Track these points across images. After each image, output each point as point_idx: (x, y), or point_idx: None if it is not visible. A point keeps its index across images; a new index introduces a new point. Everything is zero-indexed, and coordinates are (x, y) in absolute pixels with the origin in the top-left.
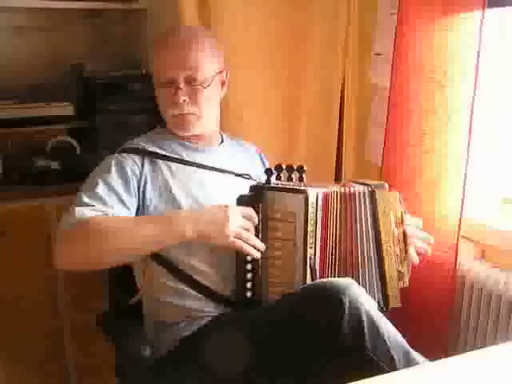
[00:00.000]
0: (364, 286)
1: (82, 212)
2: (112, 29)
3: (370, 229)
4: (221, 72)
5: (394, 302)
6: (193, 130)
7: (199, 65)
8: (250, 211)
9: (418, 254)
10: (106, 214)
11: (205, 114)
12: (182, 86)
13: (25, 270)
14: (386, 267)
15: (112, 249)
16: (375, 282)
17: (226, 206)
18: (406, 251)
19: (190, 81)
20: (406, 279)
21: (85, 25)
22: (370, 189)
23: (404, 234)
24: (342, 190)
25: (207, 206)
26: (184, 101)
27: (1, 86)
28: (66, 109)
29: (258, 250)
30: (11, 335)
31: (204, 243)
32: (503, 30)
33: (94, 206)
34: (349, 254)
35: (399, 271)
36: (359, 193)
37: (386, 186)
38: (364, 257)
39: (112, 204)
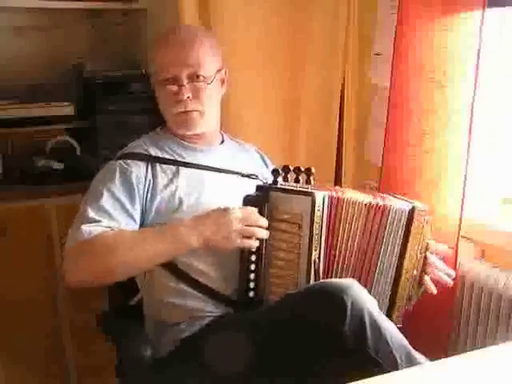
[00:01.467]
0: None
1: (88, 230)
2: (112, 29)
3: (396, 246)
4: (220, 70)
5: (396, 322)
6: (196, 127)
7: (201, 62)
8: (251, 209)
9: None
10: (112, 229)
11: (207, 112)
12: (185, 82)
13: (25, 270)
14: (400, 288)
15: (119, 265)
16: (384, 300)
17: (225, 210)
18: (422, 277)
19: (193, 78)
20: (412, 303)
21: (85, 25)
22: (410, 207)
23: (425, 260)
24: (372, 200)
25: (208, 212)
26: (188, 98)
27: (1, 86)
28: (66, 109)
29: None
30: (11, 335)
31: None
32: (503, 30)
33: (100, 221)
34: (362, 263)
35: (410, 295)
36: (397, 208)
37: (427, 208)
38: (381, 272)
39: (118, 217)
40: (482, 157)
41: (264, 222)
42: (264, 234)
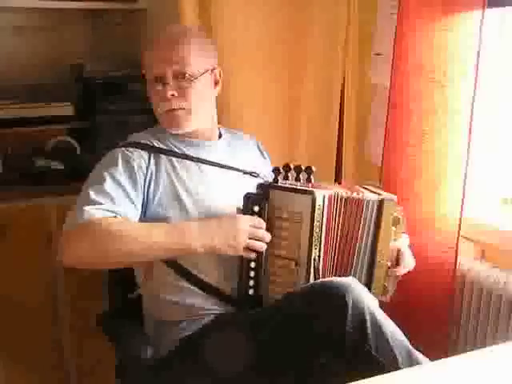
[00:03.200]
0: None
1: (91, 212)
2: (112, 29)
3: (369, 237)
4: (213, 70)
5: None
6: (183, 125)
7: (187, 59)
8: (259, 221)
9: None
10: (115, 214)
11: (195, 110)
12: (170, 81)
13: (25, 270)
14: (374, 278)
15: (121, 252)
16: None
17: (235, 219)
18: (396, 269)
19: (178, 75)
20: (389, 296)
21: (85, 25)
22: (379, 198)
23: (398, 251)
24: (350, 194)
25: (217, 219)
26: (172, 95)
27: (1, 85)
28: (66, 109)
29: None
30: (11, 335)
31: None
32: (503, 30)
33: (102, 204)
34: (346, 257)
35: (384, 286)
36: (368, 200)
37: (395, 199)
38: (358, 263)
39: (120, 202)
40: (482, 157)
41: (267, 236)
42: (264, 248)
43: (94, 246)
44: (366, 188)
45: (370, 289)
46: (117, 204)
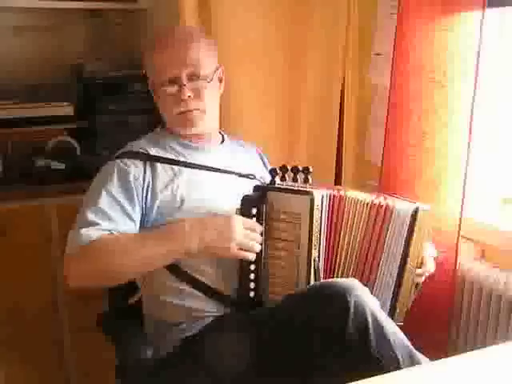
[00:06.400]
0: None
1: (88, 234)
2: (112, 29)
3: (400, 246)
4: (217, 69)
5: (399, 319)
6: (198, 126)
7: (200, 61)
8: (254, 223)
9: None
10: (112, 232)
11: (208, 110)
12: (185, 82)
13: (25, 270)
14: (403, 287)
15: (119, 270)
16: (386, 299)
17: (229, 219)
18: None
19: (193, 77)
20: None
21: (85, 25)
22: (413, 207)
23: (422, 261)
24: (374, 199)
25: (212, 218)
26: (189, 97)
27: (1, 85)
28: (66, 109)
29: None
30: (11, 335)
31: None
32: (503, 30)
33: (99, 224)
34: (364, 263)
35: (410, 294)
36: (400, 208)
37: (429, 208)
38: (384, 271)
39: (117, 219)
40: (481, 157)
41: (261, 238)
42: (258, 249)
43: (95, 266)
44: (397, 197)
45: (397, 297)
46: (113, 221)
